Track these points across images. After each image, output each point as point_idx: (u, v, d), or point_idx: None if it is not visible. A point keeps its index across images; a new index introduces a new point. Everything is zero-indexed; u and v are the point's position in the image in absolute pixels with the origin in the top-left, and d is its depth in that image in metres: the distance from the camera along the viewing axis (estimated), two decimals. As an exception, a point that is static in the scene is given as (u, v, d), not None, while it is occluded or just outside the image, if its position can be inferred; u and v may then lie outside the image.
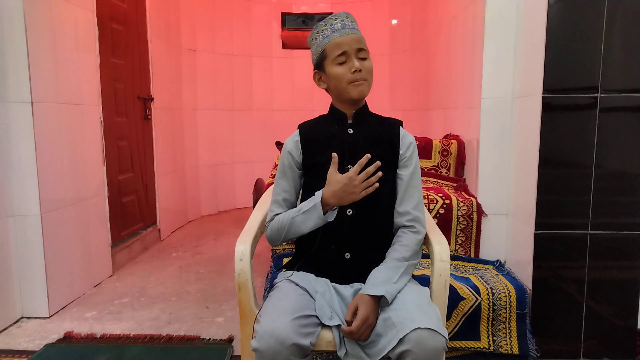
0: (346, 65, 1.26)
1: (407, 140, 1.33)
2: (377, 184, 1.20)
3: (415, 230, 1.29)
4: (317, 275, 1.29)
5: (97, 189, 2.61)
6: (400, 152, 1.32)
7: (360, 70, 1.25)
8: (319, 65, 1.32)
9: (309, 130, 1.35)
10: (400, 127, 1.36)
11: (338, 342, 1.15)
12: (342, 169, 1.26)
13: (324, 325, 1.17)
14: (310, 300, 1.19)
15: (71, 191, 2.35)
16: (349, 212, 1.27)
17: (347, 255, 1.28)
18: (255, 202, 3.37)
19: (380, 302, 1.16)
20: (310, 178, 1.33)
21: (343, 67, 1.26)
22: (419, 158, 2.21)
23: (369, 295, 1.15)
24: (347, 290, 1.27)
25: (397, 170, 1.32)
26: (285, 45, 4.45)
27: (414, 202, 1.30)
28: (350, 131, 1.32)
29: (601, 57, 1.69)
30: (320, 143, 1.32)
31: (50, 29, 2.19)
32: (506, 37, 1.99)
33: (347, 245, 1.28)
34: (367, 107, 1.36)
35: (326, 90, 1.35)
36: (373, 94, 1.35)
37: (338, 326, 1.16)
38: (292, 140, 1.34)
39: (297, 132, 1.36)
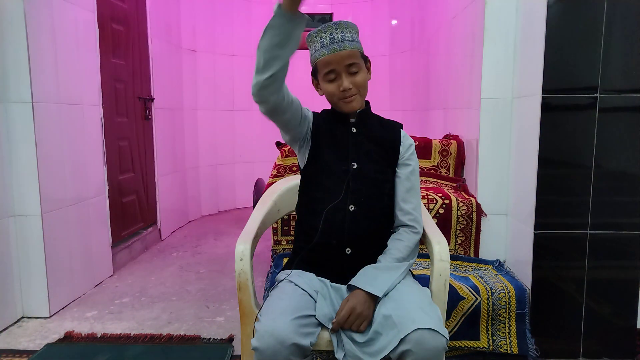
0: (336, 83, 1.28)
1: (408, 141, 1.37)
2: None
3: (416, 231, 1.32)
4: (317, 274, 1.30)
5: (98, 189, 2.61)
6: (401, 151, 1.35)
7: (350, 88, 1.26)
8: (314, 74, 1.34)
9: (317, 118, 1.36)
10: (401, 129, 1.39)
11: (336, 344, 1.16)
12: (347, 166, 1.29)
13: (324, 326, 1.17)
14: (310, 300, 1.20)
15: (72, 191, 2.36)
16: (351, 208, 1.29)
17: (348, 251, 1.29)
18: (255, 202, 3.38)
19: (376, 300, 1.18)
20: (312, 173, 1.34)
21: (333, 85, 1.28)
22: (419, 158, 2.22)
23: (362, 290, 1.17)
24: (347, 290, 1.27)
25: (397, 169, 1.34)
26: (285, 45, 4.44)
27: (415, 202, 1.34)
28: (354, 130, 1.34)
29: (600, 57, 1.69)
30: (326, 137, 1.33)
31: (50, 29, 2.19)
32: (506, 37, 1.99)
33: (348, 241, 1.28)
34: (370, 107, 1.38)
35: None
36: (373, 94, 1.36)
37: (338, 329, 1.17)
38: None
39: (309, 111, 1.36)
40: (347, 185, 1.28)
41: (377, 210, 1.31)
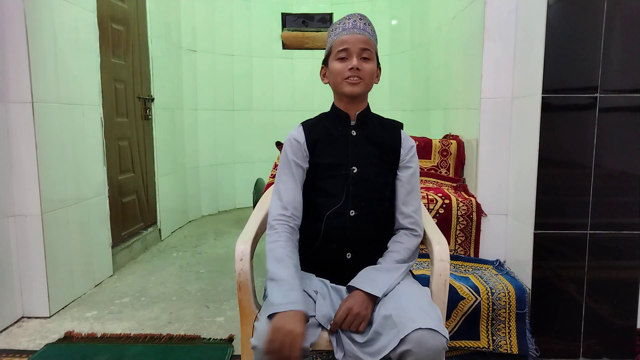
0: (345, 62, 1.27)
1: (409, 143, 1.36)
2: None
3: (417, 234, 1.32)
4: (317, 275, 1.30)
5: (98, 189, 2.61)
6: (402, 154, 1.33)
7: (357, 69, 1.26)
8: (326, 60, 1.34)
9: (312, 130, 1.35)
10: (401, 130, 1.38)
11: (335, 344, 1.16)
12: (347, 170, 1.28)
13: (323, 326, 1.17)
14: (310, 300, 1.20)
15: (72, 191, 2.36)
16: (352, 213, 1.28)
17: (349, 255, 1.28)
18: (255, 202, 3.38)
19: (375, 300, 1.18)
20: (312, 178, 1.33)
21: (342, 64, 1.28)
22: (419, 158, 2.21)
23: (361, 290, 1.18)
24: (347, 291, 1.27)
25: (398, 172, 1.33)
26: (285, 46, 4.45)
27: (415, 205, 1.34)
28: (354, 133, 1.33)
29: (600, 57, 1.69)
30: (324, 143, 1.32)
31: (50, 29, 2.19)
32: (506, 37, 1.99)
33: (349, 245, 1.28)
34: (370, 109, 1.37)
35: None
36: (373, 94, 1.36)
37: (337, 330, 1.17)
38: (298, 134, 1.33)
39: (300, 129, 1.34)
40: (348, 190, 1.28)
41: (377, 214, 1.31)
